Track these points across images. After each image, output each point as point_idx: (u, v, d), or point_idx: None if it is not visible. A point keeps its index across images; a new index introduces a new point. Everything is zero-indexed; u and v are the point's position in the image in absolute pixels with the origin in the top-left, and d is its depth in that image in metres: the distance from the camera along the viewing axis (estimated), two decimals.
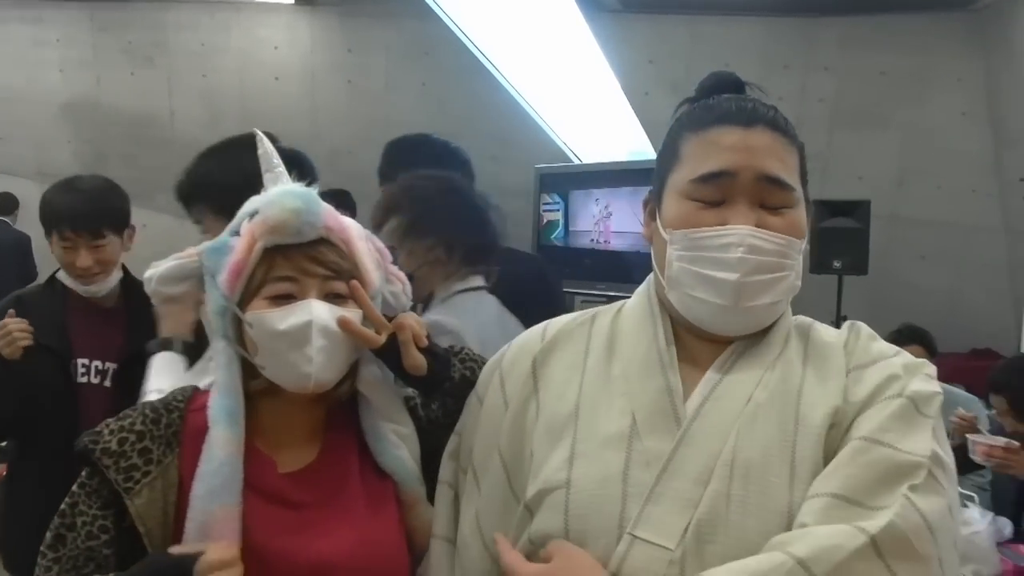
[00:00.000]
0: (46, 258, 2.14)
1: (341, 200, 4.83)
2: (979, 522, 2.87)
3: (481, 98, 5.91)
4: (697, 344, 1.10)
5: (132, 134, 6.76)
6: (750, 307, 1.04)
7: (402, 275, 1.36)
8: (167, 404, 1.23)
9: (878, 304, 6.06)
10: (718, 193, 1.05)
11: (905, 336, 4.05)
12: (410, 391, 1.37)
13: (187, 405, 1.24)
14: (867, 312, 6.12)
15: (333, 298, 1.21)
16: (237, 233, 1.23)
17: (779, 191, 1.06)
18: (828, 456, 0.99)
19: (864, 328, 1.16)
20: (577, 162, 4.40)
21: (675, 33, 6.31)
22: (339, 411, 1.30)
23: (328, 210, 1.24)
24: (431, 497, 1.27)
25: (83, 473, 1.18)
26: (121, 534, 1.15)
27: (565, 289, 3.27)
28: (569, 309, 1.72)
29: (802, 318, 1.18)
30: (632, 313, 1.16)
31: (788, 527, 0.96)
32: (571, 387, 1.11)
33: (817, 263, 5.28)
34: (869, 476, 0.95)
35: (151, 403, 1.24)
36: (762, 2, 6.15)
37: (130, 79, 6.84)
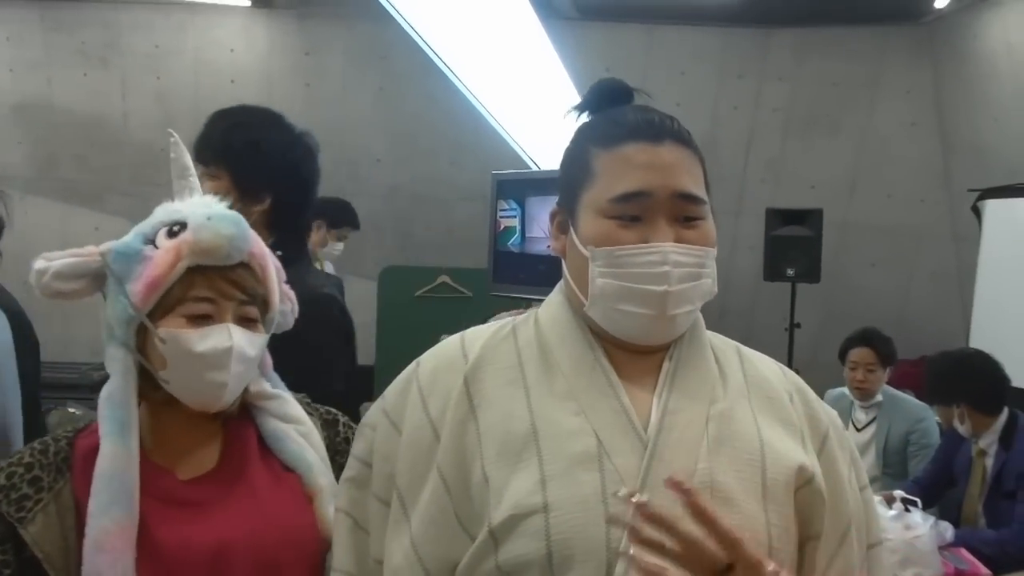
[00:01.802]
0: None
1: (343, 211, 4.95)
2: (921, 526, 2.92)
3: (438, 102, 5.91)
4: (622, 357, 1.12)
5: (85, 136, 6.64)
6: (674, 315, 1.07)
7: (291, 293, 1.39)
8: (54, 436, 1.24)
9: (830, 311, 6.16)
10: (636, 210, 1.07)
11: (858, 338, 4.11)
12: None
13: (76, 434, 1.24)
14: (819, 319, 6.24)
15: (246, 323, 1.23)
16: (151, 242, 1.23)
17: (693, 205, 1.09)
18: (799, 508, 1.06)
19: (803, 386, 1.21)
20: (534, 168, 4.41)
21: (632, 41, 6.36)
22: (235, 418, 1.31)
23: (255, 236, 1.27)
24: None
25: None
26: (23, 565, 1.15)
27: (521, 296, 3.28)
28: None
29: (722, 337, 1.22)
30: (554, 325, 1.16)
31: (767, 545, 1.01)
32: (517, 405, 1.08)
33: (771, 271, 5.36)
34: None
35: (41, 440, 1.24)
36: (718, 11, 6.23)
37: (83, 80, 6.72)
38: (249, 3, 6.59)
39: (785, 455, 1.07)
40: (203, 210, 1.26)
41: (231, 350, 1.19)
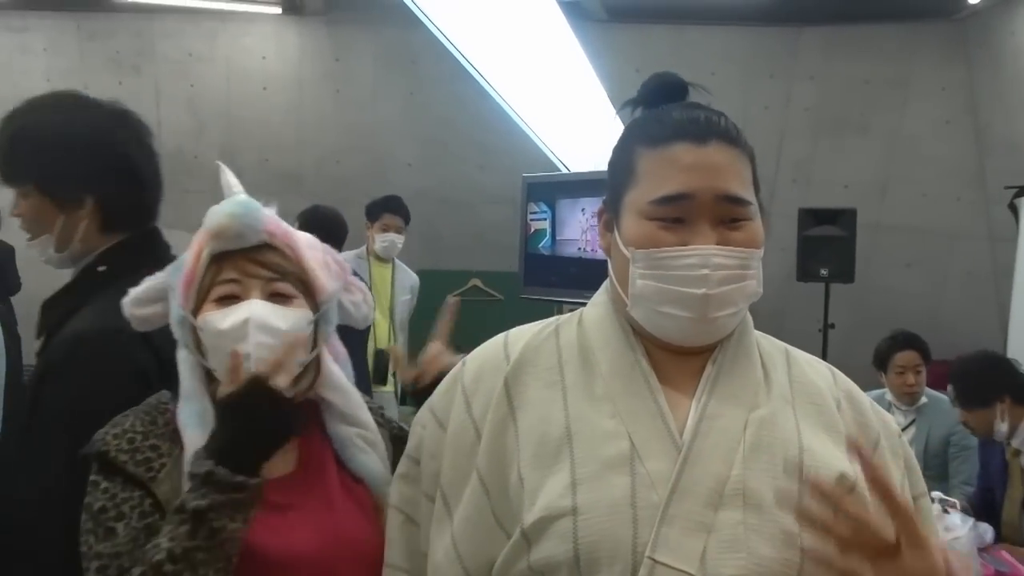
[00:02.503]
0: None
1: (374, 204, 4.79)
2: (960, 527, 2.88)
3: (467, 106, 5.92)
4: (664, 358, 1.11)
5: None
6: (716, 317, 1.06)
7: (363, 286, 1.39)
8: (155, 407, 1.26)
9: (864, 312, 6.10)
10: (678, 212, 1.06)
11: (900, 342, 4.06)
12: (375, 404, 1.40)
13: (172, 408, 1.26)
14: (853, 320, 6.18)
15: (277, 298, 1.23)
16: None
17: (737, 207, 1.07)
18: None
19: (855, 391, 1.19)
20: (564, 171, 4.41)
21: (660, 42, 6.34)
22: (310, 420, 1.31)
23: (271, 217, 1.28)
24: None
25: (98, 476, 1.19)
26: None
27: (552, 298, 3.28)
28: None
29: (772, 339, 1.20)
30: (597, 326, 1.15)
31: (800, 556, 0.99)
32: (555, 408, 1.08)
33: (803, 271, 5.31)
34: None
35: (137, 409, 1.26)
36: (746, 11, 6.19)
37: (117, 88, 6.81)
38: (280, 10, 6.64)
39: (826, 463, 1.05)
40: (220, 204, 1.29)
41: (248, 320, 1.19)
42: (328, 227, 4.14)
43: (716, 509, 0.99)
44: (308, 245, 1.30)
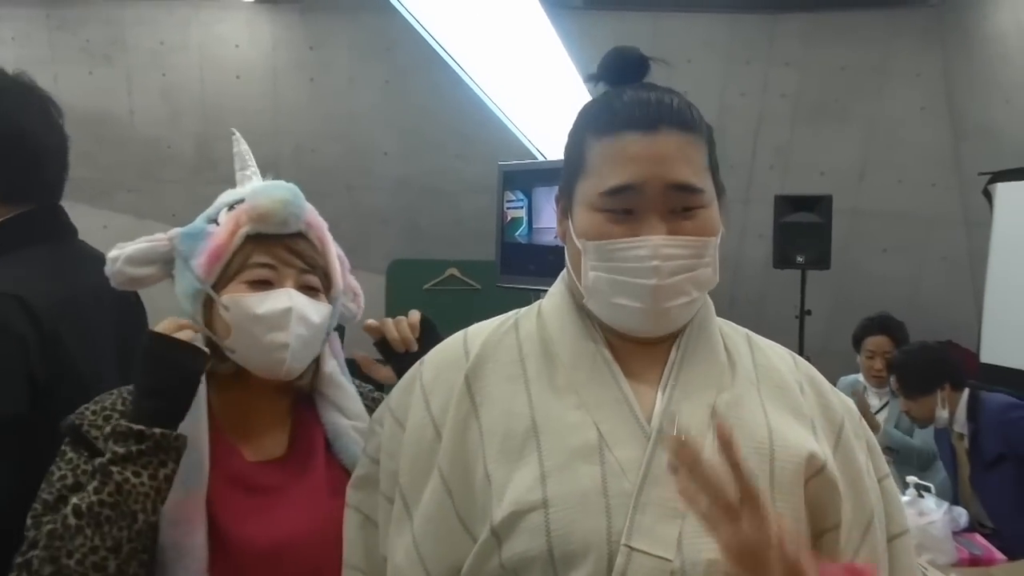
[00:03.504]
0: None
1: None
2: (935, 512, 2.91)
3: (444, 94, 5.88)
4: (626, 347, 1.10)
5: (91, 133, 6.64)
6: (668, 308, 1.05)
7: (357, 287, 1.42)
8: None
9: (841, 297, 6.13)
10: (627, 204, 1.05)
11: (875, 325, 4.11)
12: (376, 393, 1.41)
13: None
14: (830, 306, 6.21)
15: (308, 291, 1.25)
16: (214, 221, 1.26)
17: (688, 195, 1.05)
18: (811, 499, 1.03)
19: (816, 375, 1.19)
20: (541, 159, 4.40)
21: (638, 29, 6.32)
22: (304, 407, 1.33)
23: (310, 208, 1.30)
24: None
25: (67, 446, 1.19)
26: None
27: (529, 287, 3.26)
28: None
29: (733, 324, 1.19)
30: (556, 317, 1.14)
31: (776, 533, 0.96)
32: (518, 402, 1.07)
33: (780, 258, 5.33)
34: (911, 564, 1.14)
35: (124, 389, 1.26)
36: None
37: (88, 78, 6.72)
38: None
39: (794, 444, 1.04)
40: (260, 183, 1.32)
41: (291, 310, 1.21)
42: None
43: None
44: (331, 238, 1.34)
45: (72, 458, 1.18)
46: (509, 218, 3.59)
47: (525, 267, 3.44)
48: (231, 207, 1.28)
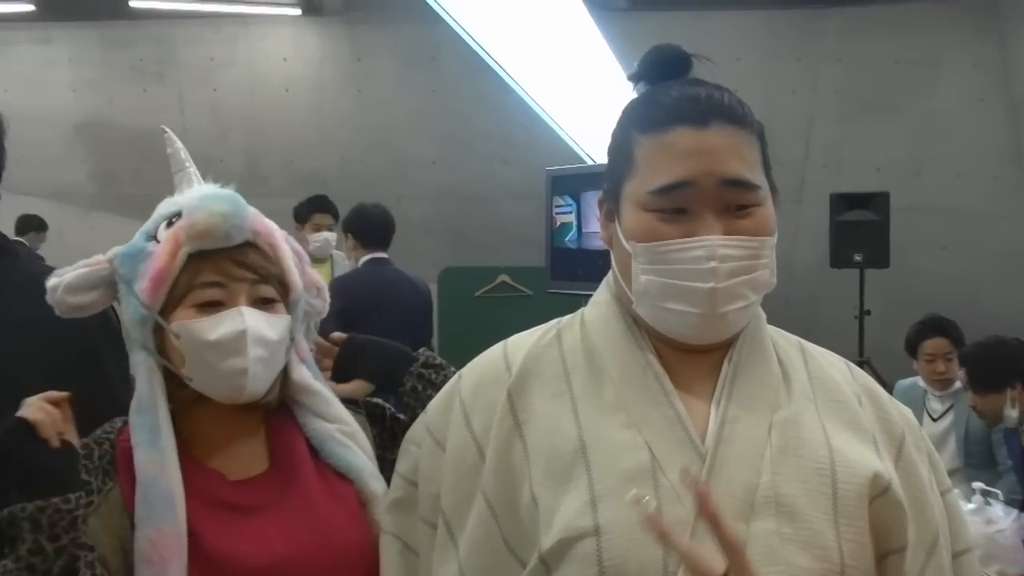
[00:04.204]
0: None
1: (302, 205, 4.71)
2: (1003, 519, 2.81)
3: (490, 101, 5.88)
4: (675, 357, 1.04)
5: (143, 151, 6.74)
6: (725, 312, 0.98)
7: (319, 280, 1.32)
8: (96, 439, 1.18)
9: (900, 297, 6.00)
10: (680, 202, 0.98)
11: (928, 328, 3.99)
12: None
13: (116, 436, 1.18)
14: (889, 305, 6.09)
15: (261, 303, 1.17)
16: (153, 238, 1.18)
17: (743, 192, 0.99)
18: (875, 521, 0.97)
19: (873, 386, 1.12)
20: (589, 163, 4.37)
21: (683, 29, 6.26)
22: (278, 417, 1.25)
23: (254, 213, 1.21)
24: None
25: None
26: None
27: (578, 292, 3.23)
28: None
29: (784, 332, 1.12)
30: (602, 327, 1.08)
31: (839, 562, 0.93)
32: (565, 420, 1.00)
33: (836, 257, 5.22)
34: None
35: (82, 440, 1.17)
36: None
37: (141, 96, 6.85)
38: (299, 12, 6.64)
39: (857, 463, 0.98)
40: (197, 194, 1.21)
41: (245, 333, 1.13)
42: (381, 226, 4.14)
43: (748, 520, 0.92)
44: (282, 239, 1.24)
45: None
46: (558, 223, 3.57)
47: (575, 272, 3.41)
48: (170, 222, 1.18)
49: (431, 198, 6.75)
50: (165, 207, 1.22)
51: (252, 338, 1.13)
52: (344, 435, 1.25)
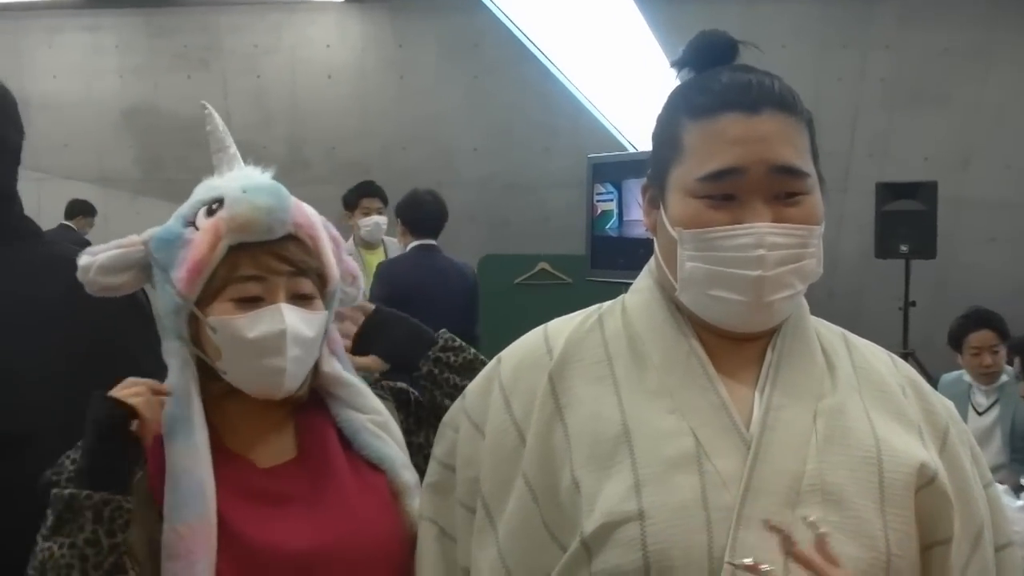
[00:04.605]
0: None
1: (351, 191, 4.72)
2: None
3: (532, 88, 5.87)
4: (719, 344, 1.03)
5: (188, 137, 6.83)
6: (772, 301, 0.98)
7: (355, 266, 1.29)
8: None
9: (946, 289, 5.91)
10: (728, 189, 0.97)
11: (973, 321, 3.92)
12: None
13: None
14: (935, 298, 5.99)
15: (299, 299, 1.14)
16: (191, 224, 1.15)
17: (793, 179, 0.98)
18: (921, 511, 0.97)
19: (916, 377, 1.11)
20: (631, 150, 4.35)
21: (728, 17, 6.18)
22: (309, 405, 1.23)
23: (296, 204, 1.18)
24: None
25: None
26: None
27: (620, 280, 3.22)
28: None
29: (827, 323, 1.12)
30: (644, 314, 1.07)
31: (885, 551, 0.92)
32: (607, 404, 1.00)
33: (882, 248, 5.15)
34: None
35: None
36: None
37: (186, 83, 6.93)
38: None
39: (904, 453, 0.97)
40: (239, 183, 1.17)
41: (285, 333, 1.10)
42: (433, 214, 4.15)
43: (794, 507, 0.92)
44: (323, 229, 1.21)
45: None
46: (599, 211, 3.56)
47: (615, 260, 3.40)
48: (209, 208, 1.15)
49: (473, 186, 6.75)
50: (204, 191, 1.19)
51: (291, 338, 1.11)
52: (377, 425, 1.24)
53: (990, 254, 6.33)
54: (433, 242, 4.10)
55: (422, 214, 4.13)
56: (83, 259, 1.17)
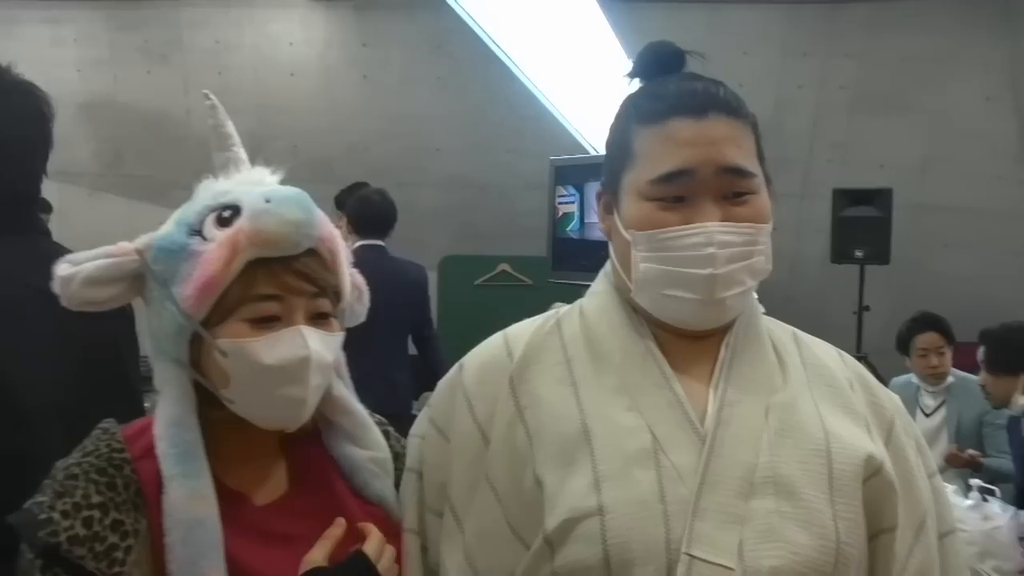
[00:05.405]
0: None
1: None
2: (1000, 516, 2.82)
3: (496, 90, 5.87)
4: (674, 343, 1.07)
5: (148, 132, 6.76)
6: (724, 298, 1.02)
7: (361, 280, 1.20)
8: (110, 461, 0.99)
9: (901, 294, 5.99)
10: (679, 191, 1.02)
11: (920, 324, 4.02)
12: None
13: (131, 452, 1.02)
14: (890, 303, 6.09)
15: (319, 320, 1.04)
16: (198, 233, 1.02)
17: (740, 180, 1.03)
18: (868, 500, 1.01)
19: (864, 372, 1.16)
20: (593, 153, 4.37)
21: (693, 22, 6.24)
22: (299, 433, 1.11)
23: (323, 217, 1.07)
24: None
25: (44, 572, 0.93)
26: None
27: (581, 283, 3.25)
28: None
29: (778, 322, 1.16)
30: (602, 315, 1.11)
31: (835, 539, 0.96)
32: (567, 405, 1.03)
33: (838, 253, 5.23)
34: (960, 564, 1.11)
35: (90, 464, 0.98)
36: None
37: (146, 77, 6.84)
38: None
39: (851, 445, 1.02)
40: (258, 189, 1.05)
41: (309, 360, 0.99)
42: (380, 216, 4.09)
43: (747, 499, 0.96)
44: (341, 244, 1.11)
45: None
46: (561, 213, 3.57)
47: (577, 262, 3.42)
48: (220, 218, 1.02)
49: (437, 186, 6.74)
50: (212, 196, 1.06)
51: (315, 365, 1.00)
52: (376, 464, 1.14)
53: (945, 260, 6.44)
54: (380, 242, 4.05)
55: (369, 214, 4.09)
56: (63, 268, 1.02)
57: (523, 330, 1.14)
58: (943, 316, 4.08)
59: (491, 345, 1.15)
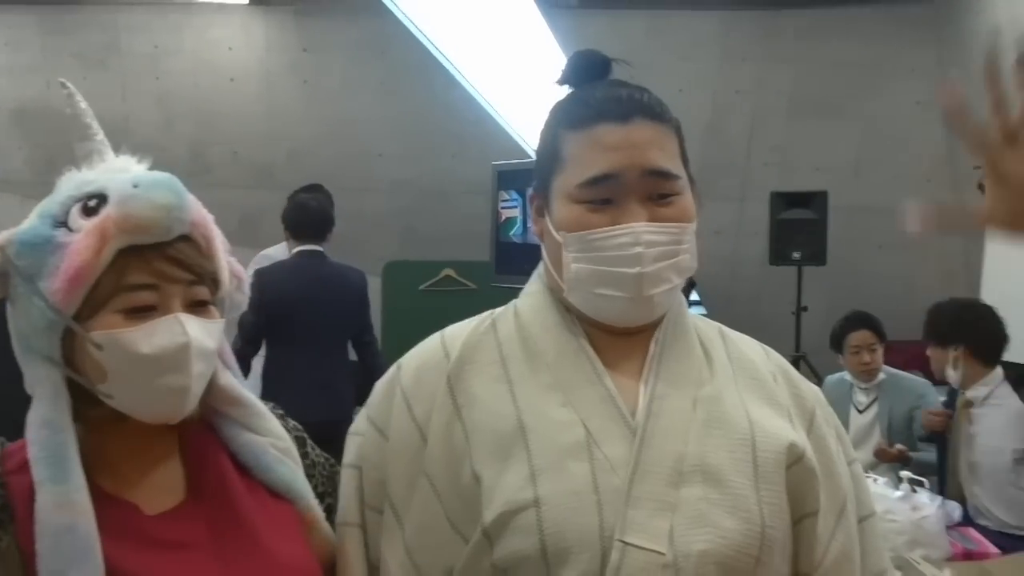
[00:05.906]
0: None
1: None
2: (928, 506, 2.89)
3: (439, 96, 5.88)
4: (606, 340, 1.11)
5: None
6: (652, 295, 1.06)
7: (240, 269, 1.14)
8: None
9: (837, 295, 6.13)
10: (606, 193, 1.06)
11: (852, 322, 4.12)
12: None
13: (4, 467, 0.97)
14: (827, 303, 6.21)
15: (195, 307, 1.00)
16: (63, 224, 0.98)
17: (665, 181, 1.08)
18: (791, 487, 1.05)
19: (786, 365, 1.21)
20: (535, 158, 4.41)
21: (633, 28, 6.32)
22: (196, 429, 1.08)
23: (194, 201, 1.03)
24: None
25: None
26: None
27: (522, 286, 3.27)
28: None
29: (705, 319, 1.21)
30: (536, 315, 1.15)
31: (760, 523, 1.00)
32: (503, 403, 1.06)
33: (776, 255, 5.34)
34: (879, 546, 1.16)
35: None
36: None
37: (82, 83, 6.58)
38: (247, 1, 6.56)
39: (774, 434, 1.06)
40: (124, 175, 1.02)
41: (189, 347, 0.95)
42: (314, 220, 4.06)
43: (677, 487, 1.00)
44: (215, 229, 1.07)
45: None
46: (504, 218, 3.59)
47: (520, 266, 3.44)
48: (86, 207, 0.98)
49: (380, 191, 6.72)
50: (76, 186, 1.03)
51: (196, 352, 0.97)
52: (279, 451, 1.11)
53: (879, 260, 6.60)
54: (317, 247, 4.03)
55: (305, 219, 4.07)
56: None
57: (459, 331, 1.17)
58: (876, 315, 4.18)
59: (428, 346, 1.18)
